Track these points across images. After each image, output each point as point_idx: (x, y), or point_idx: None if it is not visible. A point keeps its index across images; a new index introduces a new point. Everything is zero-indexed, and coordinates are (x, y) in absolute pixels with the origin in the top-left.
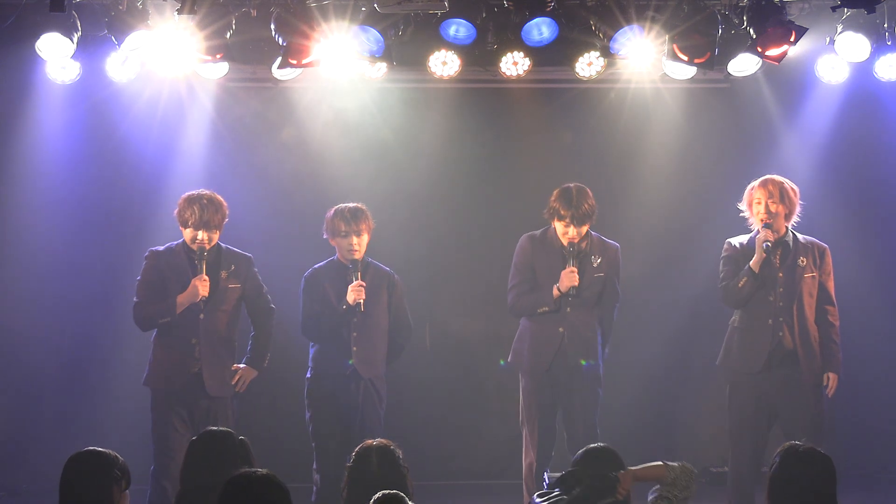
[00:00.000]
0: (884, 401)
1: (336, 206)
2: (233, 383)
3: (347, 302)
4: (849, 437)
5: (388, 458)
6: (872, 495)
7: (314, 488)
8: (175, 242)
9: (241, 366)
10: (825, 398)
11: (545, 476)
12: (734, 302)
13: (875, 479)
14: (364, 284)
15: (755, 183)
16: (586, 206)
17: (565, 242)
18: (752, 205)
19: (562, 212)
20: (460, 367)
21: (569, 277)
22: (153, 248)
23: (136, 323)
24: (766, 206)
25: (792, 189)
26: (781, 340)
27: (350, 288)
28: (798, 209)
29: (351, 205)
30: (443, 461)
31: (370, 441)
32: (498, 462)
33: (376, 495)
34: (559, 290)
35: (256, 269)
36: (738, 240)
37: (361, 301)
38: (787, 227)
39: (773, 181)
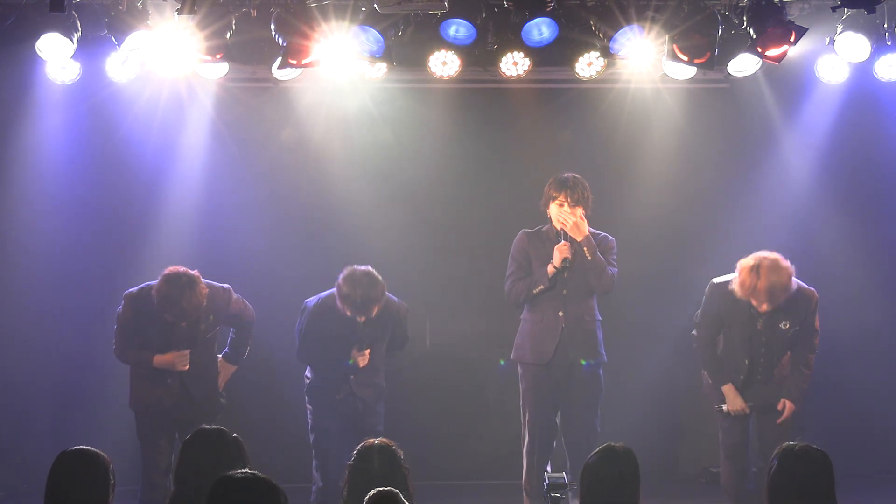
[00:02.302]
0: (883, 401)
1: (349, 277)
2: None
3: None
4: (849, 437)
5: (389, 458)
6: (872, 495)
7: (314, 487)
8: (152, 284)
9: (218, 358)
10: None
11: (545, 477)
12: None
13: (875, 479)
14: (368, 352)
15: (756, 284)
16: (580, 188)
17: (558, 226)
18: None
19: (554, 193)
20: (460, 367)
21: (561, 250)
22: (128, 292)
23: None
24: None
25: (789, 278)
26: (753, 384)
27: (354, 355)
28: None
29: (361, 292)
30: (443, 461)
31: (371, 440)
32: (498, 462)
33: (371, 493)
34: (554, 266)
35: (236, 296)
36: (726, 286)
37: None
38: None
39: (773, 290)
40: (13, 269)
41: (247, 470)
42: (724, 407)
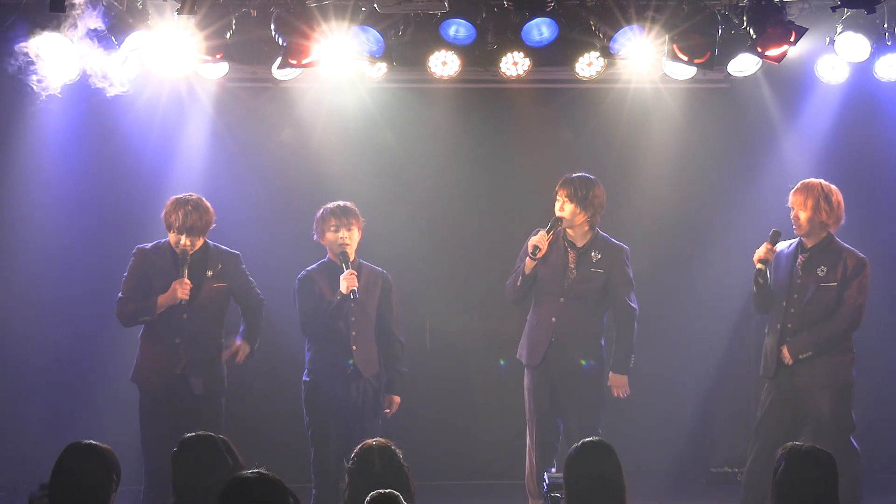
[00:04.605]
0: (884, 400)
1: (325, 206)
2: (229, 356)
3: (341, 292)
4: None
5: (390, 459)
6: (872, 495)
7: (313, 492)
8: (163, 240)
9: (238, 341)
10: (842, 400)
11: (545, 477)
12: (756, 307)
13: (875, 479)
14: (355, 273)
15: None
16: (584, 189)
17: (557, 215)
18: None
19: (558, 189)
20: (460, 367)
21: (531, 240)
22: (141, 246)
23: (117, 318)
24: (796, 214)
25: (830, 194)
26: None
27: (342, 277)
28: (836, 216)
29: (340, 203)
30: (443, 461)
31: (370, 441)
32: (498, 462)
33: (371, 494)
34: (529, 256)
35: (244, 266)
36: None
37: (355, 289)
38: (828, 233)
39: (807, 186)
40: (14, 268)
41: (260, 470)
42: (757, 262)
